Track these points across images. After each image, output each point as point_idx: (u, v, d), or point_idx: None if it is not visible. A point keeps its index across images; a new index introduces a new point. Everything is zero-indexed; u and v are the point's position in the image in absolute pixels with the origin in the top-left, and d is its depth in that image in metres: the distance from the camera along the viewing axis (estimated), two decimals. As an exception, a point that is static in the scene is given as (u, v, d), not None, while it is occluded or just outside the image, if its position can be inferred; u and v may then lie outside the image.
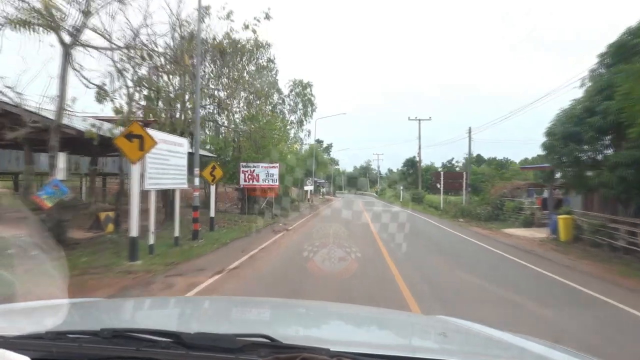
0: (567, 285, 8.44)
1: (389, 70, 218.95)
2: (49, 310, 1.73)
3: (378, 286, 7.61)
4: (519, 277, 9.34)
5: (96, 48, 10.19)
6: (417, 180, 48.76)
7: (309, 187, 39.32)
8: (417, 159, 46.19)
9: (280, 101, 51.13)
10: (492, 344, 1.74)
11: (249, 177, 20.12)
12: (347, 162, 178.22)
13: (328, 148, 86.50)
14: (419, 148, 44.98)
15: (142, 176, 8.80)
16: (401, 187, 50.94)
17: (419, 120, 45.15)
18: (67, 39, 9.37)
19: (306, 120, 52.43)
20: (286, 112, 52.19)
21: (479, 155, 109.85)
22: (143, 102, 13.66)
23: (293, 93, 51.98)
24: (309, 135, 53.30)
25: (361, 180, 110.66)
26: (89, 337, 1.22)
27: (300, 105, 52.54)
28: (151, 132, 8.93)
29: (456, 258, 11.44)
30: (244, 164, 20.11)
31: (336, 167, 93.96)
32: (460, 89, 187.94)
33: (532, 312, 6.45)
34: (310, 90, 52.17)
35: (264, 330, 1.26)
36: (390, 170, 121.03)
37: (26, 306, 1.85)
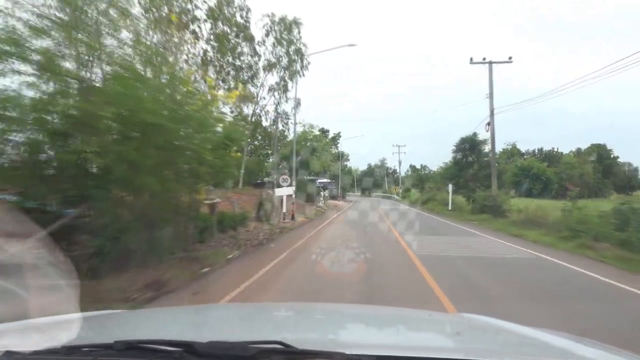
0: None
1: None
2: (63, 325, 1.69)
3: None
4: None
5: None
6: (479, 174, 28.39)
7: (285, 191, 19.57)
8: (487, 132, 25.65)
9: (251, 53, 31.65)
10: (514, 340, 1.69)
11: None
12: (359, 159, 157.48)
13: (335, 139, 67.10)
14: (491, 114, 24.71)
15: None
16: (450, 186, 30.57)
17: (490, 62, 24.96)
18: None
19: (293, 82, 32.76)
20: (261, 68, 32.60)
21: (514, 147, 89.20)
22: None
23: (271, 39, 32.32)
24: (298, 107, 33.61)
25: (376, 179, 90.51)
26: (102, 350, 1.24)
27: (284, 60, 32.91)
28: None
29: None
30: None
31: (345, 163, 74.23)
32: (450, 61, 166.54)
33: None
34: (299, 34, 32.39)
35: (277, 335, 1.28)
36: (412, 167, 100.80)
37: (41, 321, 1.81)
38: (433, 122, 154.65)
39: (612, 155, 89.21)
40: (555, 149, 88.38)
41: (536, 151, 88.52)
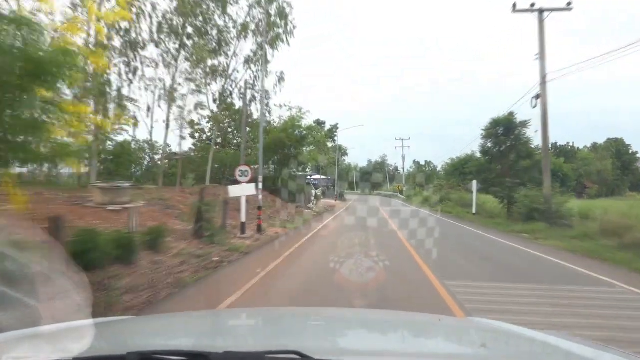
0: None
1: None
2: (74, 334, 1.63)
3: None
4: None
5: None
6: (517, 167, 21.58)
7: (244, 190, 12.80)
8: (535, 109, 18.83)
9: (218, 12, 24.76)
10: (535, 349, 1.63)
11: None
12: (359, 155, 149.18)
13: (332, 131, 60.22)
14: (542, 82, 17.83)
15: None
16: (474, 183, 23.72)
17: (540, 10, 18.06)
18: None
19: (275, 51, 25.95)
20: (235, 36, 25.71)
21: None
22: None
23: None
24: (279, 83, 26.68)
25: (378, 177, 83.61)
26: None
27: (262, 24, 26.02)
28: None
29: None
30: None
31: (344, 158, 67.33)
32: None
33: None
34: (282, -10, 25.54)
35: (292, 344, 1.26)
36: (416, 163, 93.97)
37: (50, 330, 1.75)
38: (436, 109, 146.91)
39: (630, 151, 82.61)
40: (571, 144, 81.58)
41: (550, 146, 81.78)
